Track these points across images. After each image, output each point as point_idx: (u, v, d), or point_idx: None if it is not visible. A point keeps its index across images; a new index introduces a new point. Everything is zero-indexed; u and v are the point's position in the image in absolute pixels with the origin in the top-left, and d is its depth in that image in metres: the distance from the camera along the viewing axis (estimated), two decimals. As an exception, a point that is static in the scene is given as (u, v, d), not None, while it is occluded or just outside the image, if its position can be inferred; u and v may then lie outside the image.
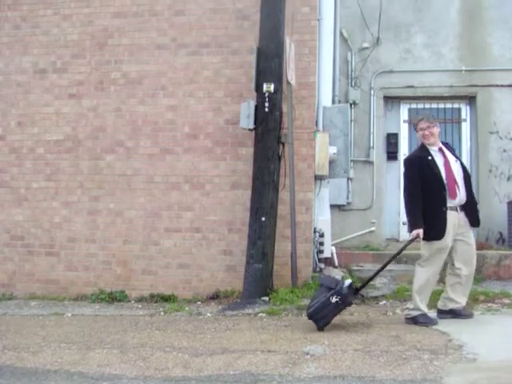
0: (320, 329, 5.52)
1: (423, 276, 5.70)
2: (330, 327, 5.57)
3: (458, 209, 5.64)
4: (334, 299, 5.48)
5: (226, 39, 7.64)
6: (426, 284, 5.68)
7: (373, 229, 9.57)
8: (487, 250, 8.58)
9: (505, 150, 9.53)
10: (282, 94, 7.14)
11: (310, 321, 5.54)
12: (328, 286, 5.67)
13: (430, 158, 5.65)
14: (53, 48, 8.03)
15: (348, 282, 5.68)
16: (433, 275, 5.71)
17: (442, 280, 6.20)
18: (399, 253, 6.03)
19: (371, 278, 6.02)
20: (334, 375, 4.15)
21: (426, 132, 5.70)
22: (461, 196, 5.63)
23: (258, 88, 7.07)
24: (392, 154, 9.91)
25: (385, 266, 6.00)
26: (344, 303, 5.54)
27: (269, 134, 7.06)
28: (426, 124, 5.73)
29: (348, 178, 9.42)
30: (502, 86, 9.54)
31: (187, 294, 7.34)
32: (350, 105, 9.45)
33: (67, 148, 7.90)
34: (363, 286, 5.87)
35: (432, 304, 5.90)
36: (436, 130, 5.77)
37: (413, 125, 5.88)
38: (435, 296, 5.96)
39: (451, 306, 5.71)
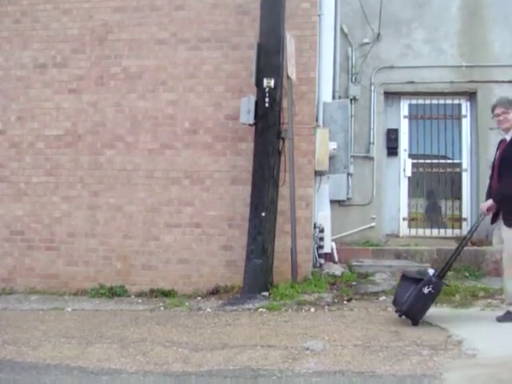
0: (416, 324, 5.42)
1: None
2: (330, 322, 5.58)
3: None
4: (426, 289, 5.40)
5: (226, 34, 7.63)
6: None
7: (373, 224, 9.57)
8: (487, 247, 8.59)
9: (505, 147, 9.51)
10: (282, 90, 7.13)
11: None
12: (415, 277, 5.62)
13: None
14: (53, 43, 8.02)
15: (432, 270, 5.68)
16: None
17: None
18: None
19: (451, 262, 5.83)
20: (334, 370, 4.16)
21: (501, 117, 5.61)
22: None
23: (259, 83, 7.06)
24: (392, 150, 9.89)
25: (463, 246, 5.97)
26: (436, 291, 5.46)
27: (269, 129, 7.05)
28: (501, 110, 5.62)
29: (348, 174, 9.41)
30: (503, 82, 9.52)
31: (187, 289, 7.35)
32: (351, 100, 9.43)
33: (67, 143, 7.89)
34: (445, 271, 5.71)
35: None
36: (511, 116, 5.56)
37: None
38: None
39: None
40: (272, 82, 6.98)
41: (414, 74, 9.70)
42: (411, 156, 9.93)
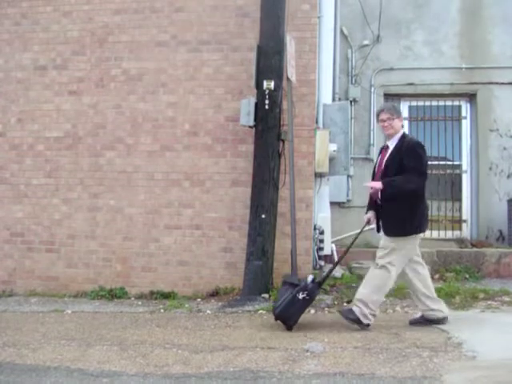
0: (290, 328, 5.51)
1: None
2: (331, 324, 5.58)
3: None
4: (301, 295, 5.48)
5: (226, 36, 7.63)
6: None
7: (373, 226, 9.54)
8: (487, 248, 8.61)
9: (505, 148, 9.54)
10: (282, 92, 7.13)
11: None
12: (292, 283, 5.70)
13: None
14: (53, 45, 8.03)
15: (311, 276, 5.73)
16: None
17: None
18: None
19: (331, 271, 6.00)
20: (334, 372, 4.16)
21: (386, 124, 5.52)
22: None
23: (259, 85, 7.07)
24: (392, 152, 9.88)
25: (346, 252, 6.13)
26: (311, 298, 5.58)
27: (269, 131, 7.05)
28: (387, 115, 5.52)
29: (348, 176, 9.43)
30: (503, 83, 9.54)
31: (187, 291, 7.35)
32: (351, 102, 9.45)
33: (67, 145, 7.90)
34: (325, 279, 5.88)
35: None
36: (395, 122, 5.48)
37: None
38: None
39: None
40: (272, 84, 6.99)
41: (414, 76, 9.72)
42: (411, 158, 9.92)
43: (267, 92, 6.99)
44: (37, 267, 7.85)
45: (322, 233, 7.72)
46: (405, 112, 10.03)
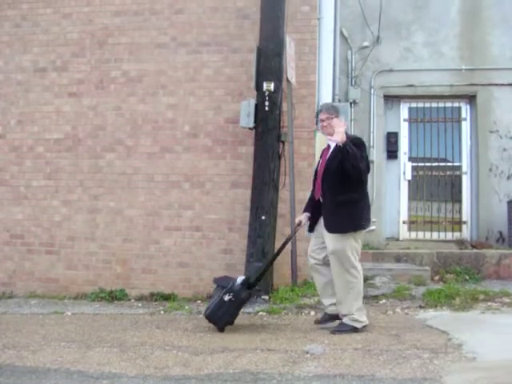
0: (221, 330, 5.54)
1: None
2: (330, 325, 5.57)
3: None
4: (227, 297, 5.51)
5: (226, 38, 7.64)
6: None
7: (373, 228, 9.49)
8: (487, 250, 8.60)
9: (505, 149, 9.53)
10: (282, 93, 7.14)
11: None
12: (221, 285, 5.72)
13: None
14: (53, 46, 8.03)
15: (241, 278, 5.70)
16: None
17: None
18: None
19: (264, 271, 5.98)
20: (334, 374, 4.15)
21: (325, 123, 5.49)
22: None
23: (259, 87, 7.07)
24: (392, 153, 9.90)
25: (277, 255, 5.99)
26: (237, 300, 5.54)
27: (269, 132, 7.06)
28: (325, 115, 5.49)
29: (348, 177, 9.39)
30: (502, 84, 9.53)
31: (187, 293, 7.35)
32: (350, 104, 9.43)
33: (67, 147, 7.90)
34: (257, 279, 5.84)
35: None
36: (335, 121, 5.36)
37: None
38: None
39: None
40: (272, 86, 6.99)
41: (414, 77, 9.71)
42: (411, 159, 9.94)
43: (267, 94, 6.99)
44: (37, 269, 7.84)
45: (321, 234, 7.71)
46: (405, 113, 10.05)
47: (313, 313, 6.24)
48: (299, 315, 6.19)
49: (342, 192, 5.23)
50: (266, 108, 7.00)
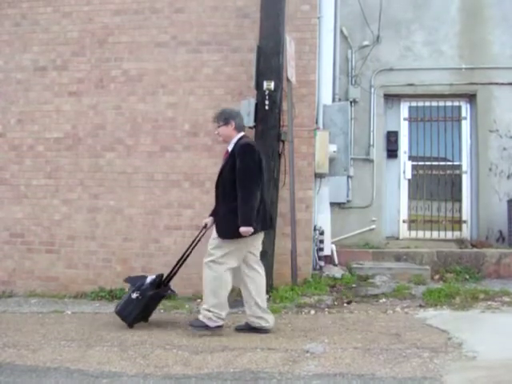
0: (130, 325, 5.77)
1: None
2: (331, 325, 5.58)
3: None
4: (134, 295, 5.77)
5: (226, 37, 7.63)
6: None
7: (373, 227, 9.57)
8: (487, 249, 8.61)
9: (505, 149, 9.53)
10: (282, 92, 7.13)
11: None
12: (131, 283, 5.97)
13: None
14: (53, 45, 8.03)
15: (151, 277, 5.93)
16: None
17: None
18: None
19: (175, 270, 6.13)
20: (334, 373, 4.16)
21: (216, 132, 5.71)
22: None
23: (258, 86, 7.07)
24: (392, 152, 9.90)
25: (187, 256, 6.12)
26: (144, 298, 5.76)
27: (269, 131, 7.05)
28: (215, 125, 5.70)
29: (348, 176, 9.41)
30: (503, 83, 9.53)
31: (187, 292, 7.33)
32: (350, 103, 9.43)
33: (67, 146, 7.89)
34: (167, 279, 6.04)
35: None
36: (221, 129, 5.61)
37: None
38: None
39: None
40: (272, 85, 6.99)
41: (414, 76, 9.71)
42: (411, 158, 9.94)
43: (267, 93, 6.99)
44: (37, 268, 7.84)
45: (321, 233, 7.72)
46: (405, 112, 10.05)
47: (313, 312, 6.25)
48: (299, 314, 6.20)
49: (230, 199, 5.40)
50: (266, 107, 6.99)
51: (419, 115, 10.00)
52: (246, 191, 5.28)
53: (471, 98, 9.81)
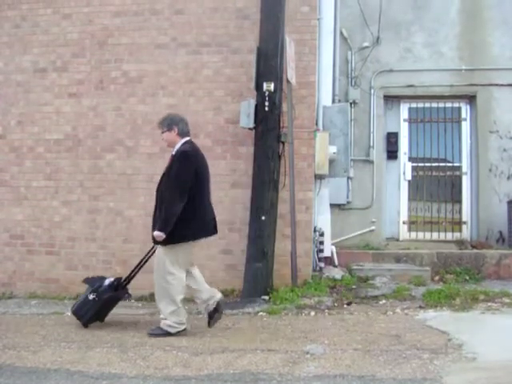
0: (84, 325, 5.89)
1: None
2: (331, 326, 5.58)
3: None
4: (91, 296, 5.90)
5: (226, 38, 7.64)
6: None
7: (373, 228, 9.57)
8: (487, 250, 8.61)
9: (505, 150, 9.53)
10: (282, 93, 7.14)
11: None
12: (89, 284, 6.08)
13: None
14: (53, 47, 8.03)
15: (109, 279, 6.06)
16: None
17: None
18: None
19: (134, 273, 6.20)
20: (334, 374, 4.16)
21: (161, 138, 5.84)
22: None
23: (258, 87, 7.08)
24: (392, 153, 9.90)
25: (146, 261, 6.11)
26: (100, 300, 5.88)
27: (269, 133, 7.06)
28: (160, 131, 5.80)
29: (348, 178, 9.42)
30: (502, 85, 9.53)
31: (187, 293, 7.30)
32: (350, 104, 9.43)
33: (67, 147, 7.90)
34: (126, 281, 6.16)
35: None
36: (165, 135, 5.72)
37: None
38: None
39: None
40: (272, 86, 6.99)
41: (414, 78, 9.71)
42: (411, 159, 9.94)
43: (267, 94, 6.99)
44: (37, 269, 7.84)
45: (321, 235, 7.73)
46: (404, 114, 10.05)
47: (313, 313, 6.25)
48: (299, 315, 6.19)
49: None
50: (266, 108, 7.00)
51: (419, 116, 10.00)
52: (171, 198, 5.34)
53: (471, 99, 9.81)
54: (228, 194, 7.47)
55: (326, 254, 7.87)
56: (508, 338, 5.01)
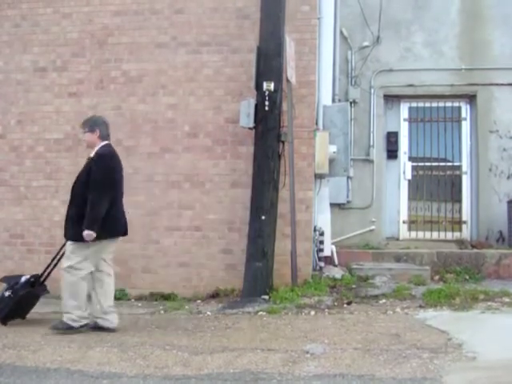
0: (2, 322, 5.97)
1: None
2: (331, 325, 5.58)
3: None
4: (6, 293, 5.98)
5: (226, 38, 7.64)
6: None
7: (373, 227, 9.57)
8: (487, 249, 8.61)
9: (505, 149, 9.53)
10: (282, 93, 7.14)
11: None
12: (6, 282, 6.18)
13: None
14: (53, 46, 8.03)
15: (26, 277, 6.16)
16: None
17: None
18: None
19: (49, 270, 6.25)
20: (334, 374, 4.15)
21: (83, 137, 5.99)
22: None
23: (258, 86, 7.07)
24: (392, 153, 9.91)
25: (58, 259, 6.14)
26: (16, 296, 5.96)
27: (269, 132, 7.05)
28: (81, 131, 5.96)
29: (348, 177, 9.42)
30: (502, 84, 9.54)
31: (187, 293, 7.34)
32: (350, 103, 9.45)
33: (67, 146, 7.90)
34: (42, 277, 6.24)
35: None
36: (87, 136, 5.83)
37: None
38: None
39: None
40: (272, 86, 6.99)
41: (414, 77, 9.71)
42: (411, 159, 9.95)
43: (267, 93, 6.99)
44: (37, 269, 7.79)
45: (321, 234, 7.72)
46: (405, 113, 10.06)
47: (313, 312, 6.24)
48: (299, 315, 6.19)
49: (80, 203, 5.60)
50: (266, 108, 6.99)
51: (419, 116, 10.01)
52: (96, 197, 5.53)
53: (471, 98, 9.81)
54: (228, 193, 7.47)
55: (326, 253, 7.87)
56: (508, 337, 5.01)
